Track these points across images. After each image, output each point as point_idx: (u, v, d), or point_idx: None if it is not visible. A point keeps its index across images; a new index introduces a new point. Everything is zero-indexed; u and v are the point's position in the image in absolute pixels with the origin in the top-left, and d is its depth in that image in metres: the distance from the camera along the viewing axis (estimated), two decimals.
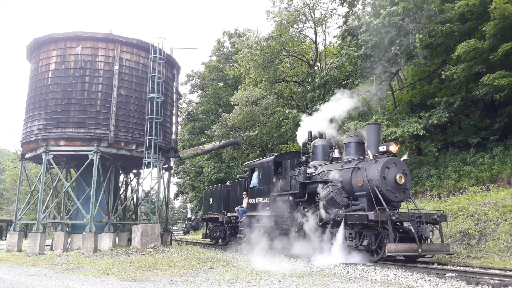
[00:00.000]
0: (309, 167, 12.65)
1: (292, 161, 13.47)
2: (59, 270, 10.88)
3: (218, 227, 20.22)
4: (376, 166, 10.25)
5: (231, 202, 17.77)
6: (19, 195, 19.71)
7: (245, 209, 15.52)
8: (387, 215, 9.30)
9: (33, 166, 23.95)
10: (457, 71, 15.40)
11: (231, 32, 39.45)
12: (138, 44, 17.96)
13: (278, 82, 27.63)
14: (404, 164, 10.75)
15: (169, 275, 9.41)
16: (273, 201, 13.41)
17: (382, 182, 10.05)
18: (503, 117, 16.56)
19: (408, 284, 7.55)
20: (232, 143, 25.34)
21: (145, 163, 17.25)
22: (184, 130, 39.54)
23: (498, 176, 14.41)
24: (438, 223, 10.08)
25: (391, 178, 10.16)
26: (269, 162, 14.03)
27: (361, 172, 10.57)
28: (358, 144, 11.70)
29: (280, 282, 8.12)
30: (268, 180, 13.92)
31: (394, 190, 10.23)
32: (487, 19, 14.22)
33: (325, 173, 11.73)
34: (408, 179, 10.61)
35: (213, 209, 20.09)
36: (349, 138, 12.12)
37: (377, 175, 10.07)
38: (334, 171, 11.48)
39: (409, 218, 9.57)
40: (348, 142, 11.92)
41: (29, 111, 17.39)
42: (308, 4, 25.04)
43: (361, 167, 10.69)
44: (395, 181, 10.16)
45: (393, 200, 10.33)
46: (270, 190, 13.65)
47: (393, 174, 10.19)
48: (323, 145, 13.08)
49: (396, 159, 10.64)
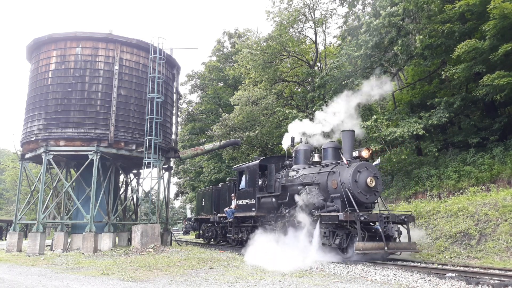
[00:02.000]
0: (291, 171, 13.44)
1: (276, 165, 14.37)
2: (59, 270, 10.88)
3: (210, 228, 20.88)
4: (348, 170, 11.04)
5: (221, 204, 18.42)
6: (19, 195, 19.70)
7: (234, 210, 16.21)
8: (356, 215, 10.01)
9: (33, 166, 23.96)
10: (457, 71, 15.40)
11: (231, 32, 39.46)
12: (138, 44, 17.97)
13: (278, 82, 27.61)
14: (376, 168, 11.51)
15: (169, 275, 9.41)
16: (258, 202, 14.25)
17: (353, 185, 10.82)
18: (503, 117, 16.56)
19: (408, 284, 7.55)
20: (232, 143, 25.34)
21: (145, 163, 17.25)
22: (184, 130, 39.52)
23: (498, 176, 14.40)
24: (406, 223, 10.76)
25: (362, 181, 10.92)
26: (255, 166, 14.83)
27: (336, 176, 11.37)
28: (334, 149, 12.55)
29: (280, 282, 8.12)
30: (254, 183, 14.71)
31: (365, 192, 10.97)
32: (487, 19, 14.21)
33: (305, 176, 12.53)
34: (379, 182, 11.28)
35: (205, 210, 20.82)
36: (327, 144, 12.98)
37: (349, 179, 10.86)
38: (312, 174, 12.29)
39: (377, 219, 10.25)
40: (326, 148, 12.80)
41: (29, 111, 17.39)
42: (308, 4, 25.02)
43: (335, 171, 11.49)
44: (366, 184, 10.91)
45: (364, 201, 11.01)
46: (255, 192, 14.46)
47: (364, 177, 10.94)
48: (305, 149, 13.79)
49: (368, 163, 11.37)
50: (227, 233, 17.38)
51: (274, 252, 11.39)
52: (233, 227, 16.44)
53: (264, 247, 12.06)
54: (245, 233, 15.47)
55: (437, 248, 11.83)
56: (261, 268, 10.20)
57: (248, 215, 14.96)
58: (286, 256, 10.73)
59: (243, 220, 15.76)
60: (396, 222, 10.61)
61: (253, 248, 12.28)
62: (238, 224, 16.19)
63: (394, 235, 10.22)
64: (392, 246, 10.07)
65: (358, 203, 10.72)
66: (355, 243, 9.73)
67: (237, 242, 16.83)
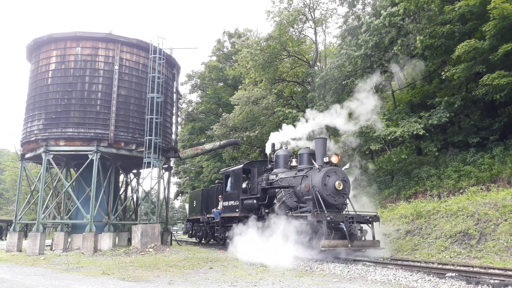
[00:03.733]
0: (271, 174, 14.46)
1: (259, 169, 15.32)
2: (59, 270, 10.88)
3: (201, 227, 21.75)
4: (319, 174, 11.92)
5: (210, 205, 19.39)
6: (19, 195, 19.70)
7: (220, 211, 17.18)
8: (322, 216, 10.88)
9: (33, 166, 23.96)
10: (457, 71, 15.40)
11: (231, 32, 39.45)
12: (138, 44, 17.96)
13: (278, 82, 27.61)
14: (344, 172, 12.39)
15: (169, 275, 9.41)
16: (241, 204, 15.19)
17: (323, 188, 11.72)
18: (503, 117, 16.55)
19: (408, 284, 7.56)
20: (232, 143, 25.34)
21: (145, 163, 17.26)
22: (184, 130, 39.52)
23: (498, 176, 14.39)
24: (371, 223, 11.63)
25: (331, 185, 11.82)
26: (239, 170, 15.92)
27: (308, 180, 12.22)
28: (309, 155, 13.37)
29: (280, 282, 8.12)
30: (238, 185, 15.74)
31: (334, 195, 11.84)
32: (487, 19, 14.21)
33: (282, 180, 13.51)
34: (347, 186, 12.19)
35: (196, 211, 21.78)
36: (303, 150, 13.93)
37: (319, 182, 11.74)
38: (289, 178, 13.23)
39: (343, 219, 11.09)
40: (302, 153, 13.75)
41: (29, 111, 17.38)
42: (308, 4, 25.03)
43: (308, 175, 12.36)
44: (335, 187, 11.80)
45: (333, 203, 11.88)
46: (239, 194, 15.42)
47: (333, 181, 11.84)
48: (284, 155, 14.79)
49: (337, 168, 12.29)
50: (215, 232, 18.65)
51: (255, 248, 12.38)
52: (220, 227, 17.51)
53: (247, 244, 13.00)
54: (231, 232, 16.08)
55: (437, 248, 11.82)
56: (261, 268, 10.22)
57: (233, 215, 15.83)
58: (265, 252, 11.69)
59: (229, 220, 16.57)
60: (361, 222, 11.45)
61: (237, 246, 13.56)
62: (225, 224, 17.08)
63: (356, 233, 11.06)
64: (356, 244, 10.85)
65: (327, 205, 11.57)
66: (321, 241, 10.52)
67: (224, 240, 17.57)
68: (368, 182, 19.88)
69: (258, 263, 10.92)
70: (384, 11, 17.16)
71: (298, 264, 10.88)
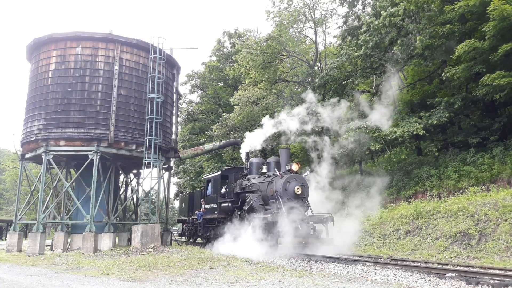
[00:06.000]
0: (245, 180, 15.88)
1: (236, 175, 16.85)
2: (59, 270, 10.88)
3: (188, 227, 23.82)
4: (281, 180, 13.39)
5: (194, 207, 21.26)
6: (19, 195, 19.70)
7: (202, 213, 18.81)
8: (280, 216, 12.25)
9: (33, 166, 23.95)
10: (457, 71, 15.40)
11: (231, 32, 39.44)
12: (138, 44, 17.96)
13: (278, 82, 27.61)
14: (303, 178, 13.85)
15: (169, 275, 9.41)
16: (219, 207, 16.83)
17: (283, 192, 13.19)
18: (503, 117, 16.55)
19: (408, 284, 7.56)
20: (232, 143, 25.34)
21: (145, 163, 17.26)
22: (184, 130, 39.51)
23: (498, 176, 14.39)
24: (325, 223, 13.01)
25: (291, 190, 13.22)
26: (218, 176, 17.68)
27: (272, 185, 13.76)
28: (276, 163, 14.87)
29: (280, 282, 8.12)
30: (217, 190, 17.37)
31: (293, 198, 13.17)
32: (487, 20, 14.20)
33: (253, 185, 15.01)
34: (305, 190, 13.62)
35: (184, 213, 23.83)
36: (270, 158, 15.55)
37: (281, 187, 13.21)
38: (258, 184, 14.75)
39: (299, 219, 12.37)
40: (270, 161, 15.33)
41: (29, 111, 17.38)
42: (308, 4, 25.03)
43: (273, 181, 13.89)
44: (294, 192, 13.16)
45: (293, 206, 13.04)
46: (217, 198, 17.08)
47: (293, 186, 13.24)
48: (257, 162, 16.29)
49: (297, 175, 13.71)
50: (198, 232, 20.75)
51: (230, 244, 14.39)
52: (203, 227, 19.28)
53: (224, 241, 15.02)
54: (212, 232, 18.19)
55: (437, 248, 11.83)
56: (261, 268, 10.22)
57: (212, 217, 17.57)
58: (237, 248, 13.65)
59: (209, 221, 18.29)
60: (316, 222, 12.86)
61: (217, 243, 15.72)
62: (206, 224, 18.85)
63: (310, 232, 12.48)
64: (310, 241, 12.19)
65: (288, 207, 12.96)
66: (279, 238, 12.00)
67: (207, 239, 19.23)
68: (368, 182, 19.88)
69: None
70: (384, 11, 17.16)
71: (298, 264, 10.89)
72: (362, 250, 14.17)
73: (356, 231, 14.94)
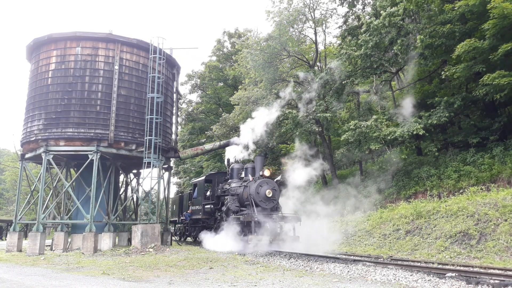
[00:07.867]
0: (226, 184, 17.54)
1: (219, 179, 18.60)
2: (59, 270, 10.88)
3: (179, 227, 25.85)
4: (254, 184, 15.16)
5: (183, 209, 23.14)
6: (19, 195, 19.70)
7: (189, 214, 20.80)
8: (251, 217, 14.01)
9: (33, 166, 23.95)
10: (457, 71, 15.39)
11: (231, 32, 39.44)
12: (138, 44, 17.96)
13: (278, 82, 27.59)
14: (274, 183, 15.49)
15: (169, 275, 9.41)
16: (203, 208, 18.71)
17: (256, 195, 14.96)
18: (503, 117, 16.54)
19: (408, 284, 7.56)
20: (232, 143, 25.29)
21: (145, 163, 17.25)
22: (184, 130, 39.50)
23: (498, 176, 14.38)
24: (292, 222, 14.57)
25: (263, 193, 15.02)
26: (203, 180, 19.81)
27: (247, 189, 15.40)
28: (252, 169, 16.47)
29: (280, 282, 8.12)
30: (202, 193, 19.32)
31: (265, 200, 15.02)
32: (487, 19, 14.20)
33: (232, 189, 16.59)
34: (276, 193, 15.34)
35: (175, 214, 25.56)
36: (248, 164, 17.14)
37: (254, 191, 14.98)
38: (237, 187, 16.36)
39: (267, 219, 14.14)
40: (247, 167, 16.91)
41: (29, 111, 17.38)
42: (308, 4, 24.98)
43: (248, 185, 15.51)
44: (265, 195, 14.96)
45: (265, 207, 15.01)
46: (202, 200, 19.03)
47: (264, 190, 15.03)
48: (237, 168, 17.93)
49: (268, 180, 15.40)
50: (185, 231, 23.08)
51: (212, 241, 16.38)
52: (190, 227, 21.64)
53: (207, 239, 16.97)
54: (198, 231, 20.12)
55: (437, 248, 11.82)
56: (261, 268, 10.21)
57: (198, 217, 19.49)
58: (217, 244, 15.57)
59: (196, 221, 20.34)
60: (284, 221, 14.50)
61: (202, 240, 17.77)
62: (193, 224, 21.01)
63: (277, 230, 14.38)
64: (277, 238, 14.08)
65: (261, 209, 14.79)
66: (249, 236, 13.73)
67: (194, 238, 21.16)
68: (368, 182, 19.88)
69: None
70: (384, 11, 17.15)
71: (298, 264, 10.89)
72: (362, 250, 14.17)
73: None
